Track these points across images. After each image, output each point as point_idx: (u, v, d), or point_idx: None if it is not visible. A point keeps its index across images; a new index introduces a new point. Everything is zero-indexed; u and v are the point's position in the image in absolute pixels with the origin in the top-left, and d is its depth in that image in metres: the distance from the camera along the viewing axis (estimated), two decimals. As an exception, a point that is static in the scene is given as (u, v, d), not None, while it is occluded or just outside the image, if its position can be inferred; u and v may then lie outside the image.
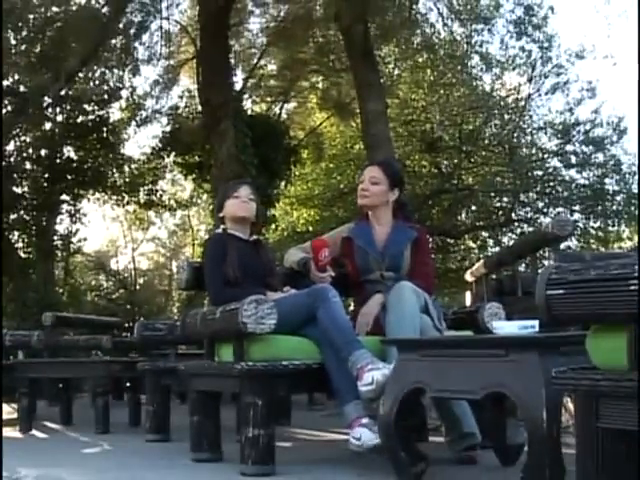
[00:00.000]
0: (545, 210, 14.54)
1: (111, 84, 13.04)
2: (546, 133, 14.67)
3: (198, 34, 10.74)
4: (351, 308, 3.34)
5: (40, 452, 3.57)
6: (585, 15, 34.24)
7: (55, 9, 10.89)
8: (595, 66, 31.00)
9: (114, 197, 14.64)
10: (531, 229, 13.72)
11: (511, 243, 13.62)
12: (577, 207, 14.23)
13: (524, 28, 13.18)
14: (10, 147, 12.55)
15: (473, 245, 16.40)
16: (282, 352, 2.61)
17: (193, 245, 21.91)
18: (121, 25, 10.98)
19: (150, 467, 2.86)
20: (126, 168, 14.37)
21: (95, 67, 12.22)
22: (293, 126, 14.07)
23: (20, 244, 13.62)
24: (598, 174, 14.21)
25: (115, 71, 12.76)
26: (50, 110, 12.44)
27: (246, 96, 13.26)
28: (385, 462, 2.30)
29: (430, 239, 10.13)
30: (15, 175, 12.91)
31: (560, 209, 13.97)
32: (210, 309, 2.88)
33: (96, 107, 13.28)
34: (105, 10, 10.51)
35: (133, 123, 13.91)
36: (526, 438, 1.83)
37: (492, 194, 14.84)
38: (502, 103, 14.23)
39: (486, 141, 14.53)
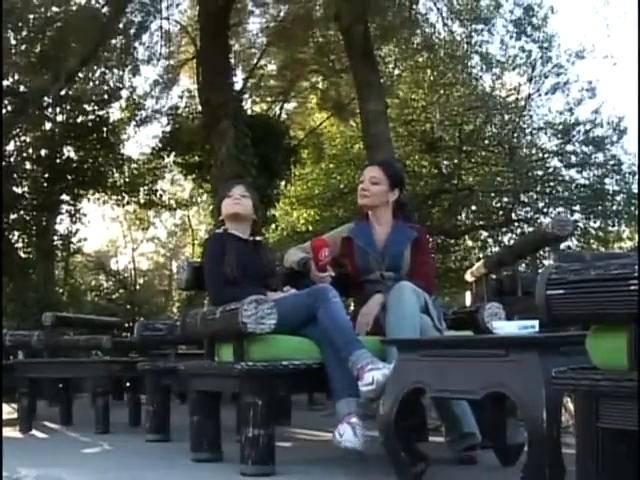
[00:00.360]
0: (545, 210, 14.53)
1: (111, 84, 13.06)
2: (546, 133, 14.68)
3: (198, 34, 10.75)
4: (351, 308, 3.34)
5: (40, 452, 3.57)
6: (585, 15, 34.29)
7: (55, 9, 10.90)
8: (595, 66, 31.07)
9: (114, 197, 14.65)
10: (531, 229, 13.71)
11: (511, 243, 13.62)
12: (577, 207, 14.22)
13: (524, 28, 13.18)
14: (10, 147, 12.56)
15: (473, 245, 16.39)
16: (282, 352, 2.61)
17: (193, 245, 21.90)
18: (121, 25, 10.99)
19: (150, 467, 2.85)
20: (126, 168, 14.37)
21: (95, 67, 12.23)
22: (293, 126, 14.07)
23: (20, 244, 13.63)
24: (598, 174, 14.21)
25: (115, 71, 12.78)
26: (50, 110, 12.46)
27: (246, 96, 13.27)
28: (384, 462, 2.30)
29: (430, 239, 10.12)
30: (15, 175, 12.92)
31: (560, 209, 13.95)
32: (210, 309, 2.88)
33: (96, 107, 13.29)
34: (105, 10, 10.52)
35: (133, 123, 13.95)
36: (526, 438, 1.83)
37: (492, 194, 14.83)
38: (502, 103, 14.23)
39: (486, 141, 14.54)
